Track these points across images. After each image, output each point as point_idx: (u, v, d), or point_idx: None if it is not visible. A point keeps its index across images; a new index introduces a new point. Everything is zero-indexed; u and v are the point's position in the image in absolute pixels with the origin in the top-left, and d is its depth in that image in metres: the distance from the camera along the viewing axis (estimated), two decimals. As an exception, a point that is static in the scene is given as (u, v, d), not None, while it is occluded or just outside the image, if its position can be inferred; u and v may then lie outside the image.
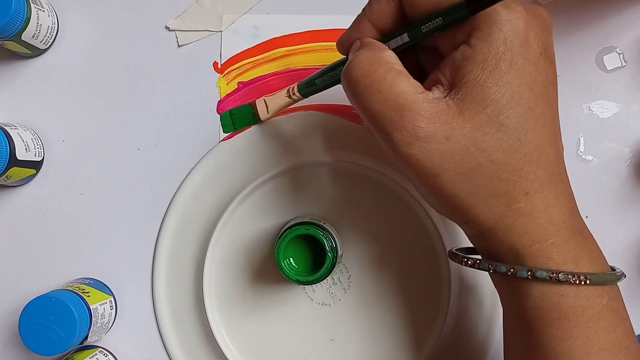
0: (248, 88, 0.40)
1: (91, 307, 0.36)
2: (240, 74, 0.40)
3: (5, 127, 0.37)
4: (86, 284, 0.38)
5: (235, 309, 0.39)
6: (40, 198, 0.40)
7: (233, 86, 0.40)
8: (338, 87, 0.31)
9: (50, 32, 0.40)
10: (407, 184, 0.38)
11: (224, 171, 0.40)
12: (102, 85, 0.41)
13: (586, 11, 0.40)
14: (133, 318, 0.40)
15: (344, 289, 0.39)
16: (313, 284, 0.35)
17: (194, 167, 0.40)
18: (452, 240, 0.38)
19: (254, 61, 0.40)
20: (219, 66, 0.41)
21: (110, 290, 0.40)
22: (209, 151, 0.40)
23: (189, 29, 0.41)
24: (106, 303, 0.38)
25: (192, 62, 0.41)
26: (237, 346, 0.39)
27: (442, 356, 0.38)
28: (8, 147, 0.36)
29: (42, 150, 0.40)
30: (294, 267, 0.35)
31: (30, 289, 0.40)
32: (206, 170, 0.40)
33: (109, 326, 0.39)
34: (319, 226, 0.35)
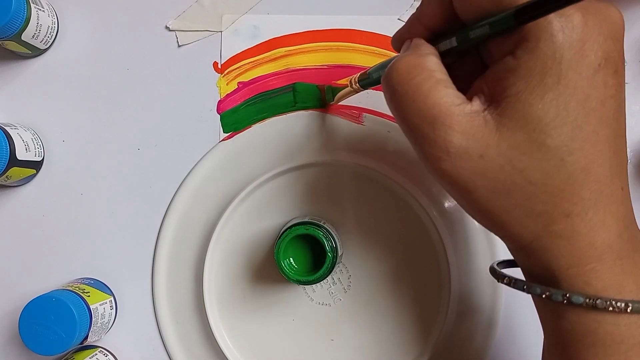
0: (248, 88, 0.40)
1: (91, 307, 0.36)
2: (240, 74, 0.40)
3: (5, 127, 0.37)
4: (86, 284, 0.38)
5: (235, 309, 0.39)
6: (40, 198, 0.40)
7: (233, 86, 0.40)
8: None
9: (50, 32, 0.40)
10: (407, 184, 0.38)
11: (224, 171, 0.40)
12: (102, 85, 0.41)
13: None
14: (133, 318, 0.40)
15: (344, 289, 0.39)
16: (313, 284, 0.35)
17: (194, 167, 0.40)
18: (452, 240, 0.38)
19: (254, 61, 0.40)
20: (219, 66, 0.40)
21: (110, 290, 0.40)
22: (209, 151, 0.40)
23: (189, 29, 0.41)
24: (106, 303, 0.38)
25: (192, 62, 0.41)
26: (237, 346, 0.39)
27: (442, 355, 0.38)
28: (8, 147, 0.36)
29: (42, 150, 0.40)
30: (294, 267, 0.35)
31: (30, 289, 0.40)
32: (206, 170, 0.40)
33: (109, 326, 0.39)
34: (319, 226, 0.35)
